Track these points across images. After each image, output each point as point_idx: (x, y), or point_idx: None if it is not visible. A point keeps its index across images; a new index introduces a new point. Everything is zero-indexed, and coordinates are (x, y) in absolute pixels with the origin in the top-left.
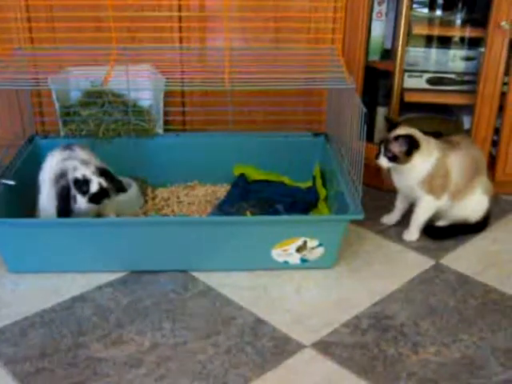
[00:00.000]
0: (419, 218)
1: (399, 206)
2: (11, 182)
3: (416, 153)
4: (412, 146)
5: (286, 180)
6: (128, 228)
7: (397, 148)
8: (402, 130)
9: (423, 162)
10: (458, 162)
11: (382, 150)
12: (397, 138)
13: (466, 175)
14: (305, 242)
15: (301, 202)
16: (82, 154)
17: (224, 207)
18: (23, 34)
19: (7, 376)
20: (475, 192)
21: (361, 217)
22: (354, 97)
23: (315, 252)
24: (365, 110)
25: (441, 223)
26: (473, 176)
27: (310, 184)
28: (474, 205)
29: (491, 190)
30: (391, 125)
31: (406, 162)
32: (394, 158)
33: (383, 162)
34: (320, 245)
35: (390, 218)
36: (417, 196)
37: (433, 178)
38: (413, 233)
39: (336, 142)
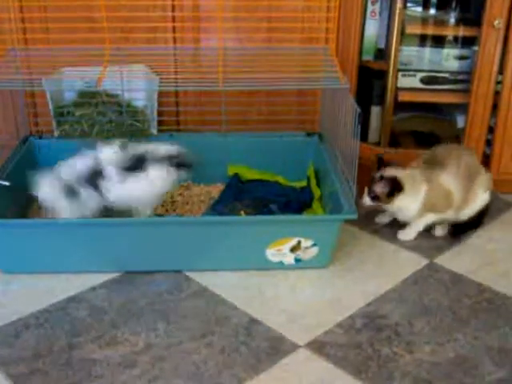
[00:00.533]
0: (419, 225)
1: None
2: (6, 183)
3: (399, 195)
4: (394, 188)
5: (281, 179)
6: (122, 228)
7: (379, 189)
8: (387, 171)
9: (411, 203)
10: (452, 178)
11: (367, 189)
12: (381, 178)
13: (464, 186)
14: (299, 242)
15: (295, 202)
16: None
17: (218, 207)
18: (17, 35)
19: (1, 377)
20: (478, 193)
21: (354, 216)
22: (348, 97)
23: (309, 252)
24: (359, 110)
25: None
26: (471, 182)
27: (304, 184)
28: (478, 204)
29: (491, 183)
30: (380, 164)
31: (388, 203)
32: (376, 198)
33: (366, 200)
34: (314, 245)
35: (384, 218)
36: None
37: (429, 205)
38: (409, 234)
39: (330, 142)
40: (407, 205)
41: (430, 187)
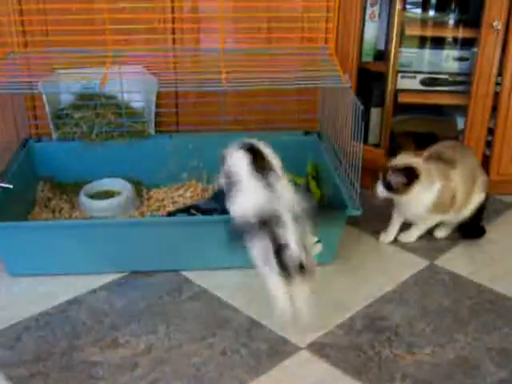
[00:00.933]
0: (422, 228)
1: (396, 221)
2: (9, 186)
3: (416, 184)
4: (412, 178)
5: None
6: (123, 229)
7: (397, 179)
8: (401, 160)
9: (424, 196)
10: (459, 180)
11: (381, 178)
12: (396, 169)
13: (468, 188)
14: None
15: None
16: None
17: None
18: (17, 38)
19: (2, 380)
20: (476, 194)
21: (358, 213)
22: (349, 93)
23: (314, 248)
24: (361, 107)
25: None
26: (473, 184)
27: (303, 181)
28: (474, 204)
29: (487, 184)
30: (393, 152)
31: (405, 194)
32: (391, 188)
33: (381, 191)
34: (318, 241)
35: (389, 236)
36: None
37: (439, 204)
38: (412, 236)
39: (329, 141)
40: (420, 197)
41: (443, 185)
